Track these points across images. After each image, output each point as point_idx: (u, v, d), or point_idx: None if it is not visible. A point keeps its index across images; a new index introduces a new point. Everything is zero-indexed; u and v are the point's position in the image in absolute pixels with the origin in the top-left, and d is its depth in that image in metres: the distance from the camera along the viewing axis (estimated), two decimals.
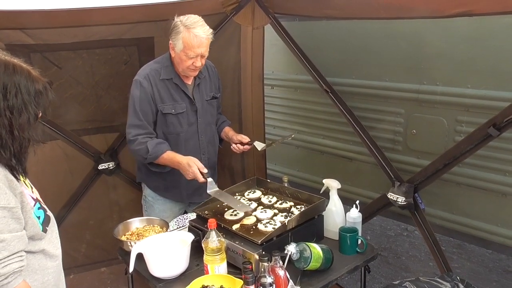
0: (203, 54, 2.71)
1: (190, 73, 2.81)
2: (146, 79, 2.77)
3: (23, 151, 1.60)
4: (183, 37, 2.65)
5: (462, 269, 4.05)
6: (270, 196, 2.79)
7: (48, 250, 1.71)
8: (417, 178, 2.92)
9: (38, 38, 2.99)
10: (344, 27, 3.62)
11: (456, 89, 3.08)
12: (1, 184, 1.51)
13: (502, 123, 2.36)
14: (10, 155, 1.55)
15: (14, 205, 1.53)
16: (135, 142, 2.76)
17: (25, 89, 1.54)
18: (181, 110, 2.86)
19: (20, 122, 1.54)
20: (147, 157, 2.76)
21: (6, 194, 1.51)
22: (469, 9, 2.21)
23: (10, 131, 1.53)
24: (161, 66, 2.83)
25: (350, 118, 3.26)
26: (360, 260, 2.43)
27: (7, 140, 1.53)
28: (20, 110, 1.53)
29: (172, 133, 2.88)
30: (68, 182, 3.57)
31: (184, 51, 2.67)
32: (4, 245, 1.49)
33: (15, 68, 1.55)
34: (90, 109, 3.44)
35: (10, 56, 1.59)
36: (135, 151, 2.80)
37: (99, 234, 3.72)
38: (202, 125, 2.97)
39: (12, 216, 1.52)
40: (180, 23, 2.67)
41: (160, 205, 3.06)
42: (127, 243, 2.49)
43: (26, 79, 1.56)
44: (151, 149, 2.73)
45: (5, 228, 1.49)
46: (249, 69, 3.65)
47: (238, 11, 3.40)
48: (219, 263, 2.15)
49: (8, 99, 1.51)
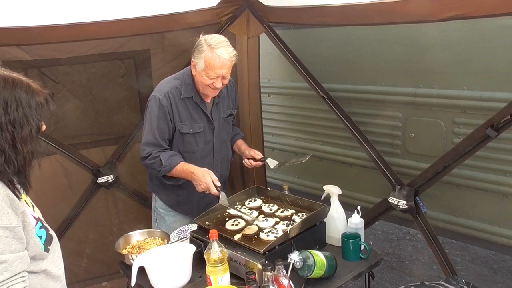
0: (225, 75, 2.65)
1: (209, 93, 2.76)
2: (166, 97, 2.72)
3: (27, 164, 1.59)
4: (205, 56, 2.59)
5: (466, 271, 4.04)
6: (271, 205, 2.78)
7: (50, 270, 1.69)
8: (417, 181, 2.92)
9: (34, 54, 3.00)
10: (339, 33, 3.64)
11: (452, 91, 3.09)
12: (3, 203, 1.50)
13: (500, 124, 2.37)
14: (14, 169, 1.55)
15: (16, 224, 1.51)
16: (149, 157, 2.73)
17: (25, 102, 1.54)
18: (199, 130, 2.83)
19: (23, 135, 1.54)
20: (161, 169, 2.73)
21: (8, 214, 1.49)
22: (462, 12, 2.22)
23: (13, 145, 1.52)
24: (181, 83, 2.78)
25: (348, 123, 3.26)
26: (364, 266, 2.42)
27: (10, 154, 1.52)
28: (22, 123, 1.53)
29: (188, 151, 2.85)
30: (67, 196, 3.55)
31: (205, 70, 2.62)
32: (6, 266, 1.47)
33: (15, 82, 1.55)
34: (88, 123, 3.44)
35: (9, 71, 1.59)
36: (148, 165, 2.77)
37: (100, 248, 3.70)
38: (218, 143, 2.95)
39: (14, 236, 1.50)
40: (204, 41, 2.62)
41: (171, 217, 3.04)
42: (128, 257, 2.47)
43: (26, 92, 1.56)
44: (165, 161, 2.71)
45: (6, 248, 1.47)
46: (245, 78, 3.66)
47: (233, 21, 3.41)
48: (222, 274, 2.13)
49: (9, 113, 1.50)
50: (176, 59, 3.46)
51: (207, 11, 3.27)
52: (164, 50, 3.42)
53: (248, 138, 3.73)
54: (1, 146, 1.50)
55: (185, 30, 3.22)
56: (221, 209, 2.76)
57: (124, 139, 3.62)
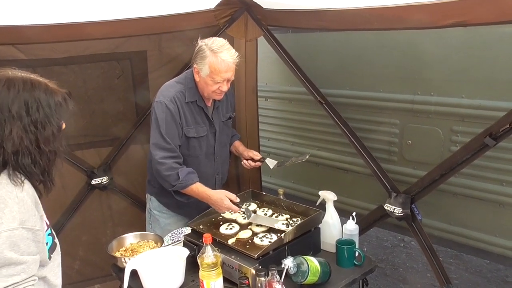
0: (230, 78, 2.66)
1: (215, 97, 2.76)
2: (172, 102, 2.69)
3: (51, 164, 1.63)
4: (209, 62, 2.58)
5: (460, 280, 4.03)
6: (266, 209, 2.77)
7: (49, 278, 1.68)
8: (413, 189, 2.91)
9: (30, 53, 2.96)
10: (337, 38, 3.63)
11: (451, 99, 3.08)
12: (32, 205, 1.53)
13: (499, 133, 2.37)
14: (40, 169, 1.57)
15: (39, 228, 1.54)
16: (165, 166, 2.66)
17: (45, 102, 1.57)
18: (203, 134, 2.83)
19: (45, 135, 1.56)
20: (176, 184, 2.68)
21: (35, 216, 1.52)
22: (463, 19, 2.22)
23: (37, 145, 1.55)
24: (184, 87, 2.76)
25: (345, 129, 3.26)
26: (358, 273, 2.40)
27: (35, 155, 1.55)
28: (43, 123, 1.56)
29: (192, 155, 2.83)
30: (61, 197, 3.51)
31: (210, 76, 2.61)
32: (25, 267, 1.48)
33: (33, 84, 1.57)
34: (83, 124, 3.41)
35: (26, 73, 1.61)
36: (164, 176, 2.69)
37: (93, 250, 3.67)
38: (219, 147, 2.95)
39: (34, 239, 1.51)
40: (206, 46, 2.61)
41: (165, 219, 3.02)
42: (121, 260, 2.46)
43: (45, 92, 1.59)
44: (182, 177, 2.66)
45: (26, 250, 1.49)
46: (242, 81, 3.64)
47: (231, 24, 3.40)
48: (215, 278, 2.11)
49: (30, 114, 1.53)
50: (173, 61, 3.44)
51: (205, 13, 3.25)
52: (161, 51, 3.40)
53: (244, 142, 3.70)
54: (27, 147, 1.53)
55: (183, 32, 3.21)
56: (215, 213, 2.75)
57: (119, 141, 3.59)
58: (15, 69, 1.60)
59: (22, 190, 1.52)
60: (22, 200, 1.50)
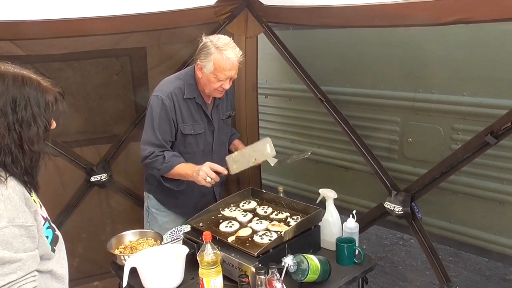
0: (233, 76, 2.66)
1: (216, 94, 2.75)
2: (169, 98, 2.69)
3: (34, 165, 1.58)
4: (214, 59, 2.58)
5: (459, 278, 4.03)
6: (266, 207, 2.75)
7: (55, 271, 1.67)
8: (414, 187, 2.90)
9: (28, 49, 2.94)
10: (339, 35, 3.62)
11: (452, 97, 3.07)
12: (20, 202, 1.49)
13: (500, 131, 2.35)
14: (21, 170, 1.53)
15: (31, 223, 1.50)
16: (150, 156, 2.69)
17: (34, 101, 1.52)
18: (200, 131, 2.82)
19: (30, 135, 1.51)
20: (161, 167, 2.69)
21: (25, 212, 1.49)
22: (465, 16, 2.20)
23: (20, 145, 1.50)
24: (184, 84, 2.75)
25: (345, 127, 3.24)
26: (358, 271, 2.40)
27: (17, 154, 1.50)
28: (29, 123, 1.51)
29: (190, 152, 2.83)
30: (60, 194, 3.50)
31: (214, 73, 2.61)
32: (20, 264, 1.46)
33: (24, 80, 1.52)
34: (82, 121, 3.40)
35: (19, 68, 1.57)
36: (148, 164, 2.71)
37: (92, 248, 3.65)
38: (217, 145, 2.95)
39: (28, 235, 1.49)
40: (211, 43, 2.60)
41: (163, 217, 3.02)
42: (120, 257, 2.45)
43: (36, 90, 1.54)
44: (168, 158, 2.67)
45: (21, 247, 1.46)
46: (242, 78, 3.62)
47: (231, 21, 3.38)
48: (215, 276, 2.10)
49: (17, 112, 1.48)
50: (173, 57, 3.43)
51: (205, 9, 3.24)
52: (160, 48, 3.38)
53: (244, 140, 3.69)
54: (8, 146, 1.48)
55: (182, 28, 3.20)
56: (215, 211, 2.74)
57: (118, 138, 3.58)
58: (8, 64, 1.56)
59: (6, 187, 1.47)
60: (8, 197, 1.46)
